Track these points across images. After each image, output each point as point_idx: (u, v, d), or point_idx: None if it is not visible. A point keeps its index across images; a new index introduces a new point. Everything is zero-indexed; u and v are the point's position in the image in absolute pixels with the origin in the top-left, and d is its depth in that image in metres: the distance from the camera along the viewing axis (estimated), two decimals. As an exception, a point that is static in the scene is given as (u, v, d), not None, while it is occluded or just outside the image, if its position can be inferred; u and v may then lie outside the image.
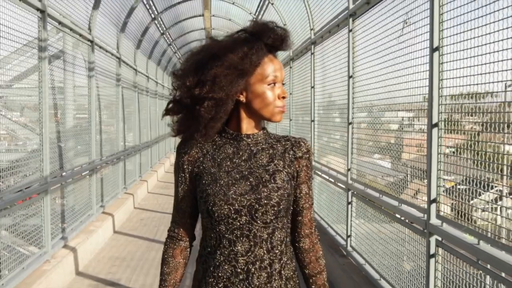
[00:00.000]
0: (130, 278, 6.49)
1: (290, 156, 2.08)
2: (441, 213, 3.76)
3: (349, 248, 6.14)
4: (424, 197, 4.00)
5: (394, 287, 4.71)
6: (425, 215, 3.90)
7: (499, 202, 3.38)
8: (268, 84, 1.99)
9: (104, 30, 9.54)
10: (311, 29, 8.45)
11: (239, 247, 1.97)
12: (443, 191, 3.77)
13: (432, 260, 3.85)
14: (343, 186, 6.41)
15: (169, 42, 17.32)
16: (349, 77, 6.12)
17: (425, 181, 3.95)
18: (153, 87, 17.19)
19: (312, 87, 8.41)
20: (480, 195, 3.26)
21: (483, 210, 3.36)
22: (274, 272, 2.00)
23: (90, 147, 8.37)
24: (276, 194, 1.98)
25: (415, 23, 4.21)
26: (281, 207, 1.98)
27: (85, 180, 8.16)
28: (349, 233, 6.15)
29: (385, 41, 4.93)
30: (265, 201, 1.96)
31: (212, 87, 1.95)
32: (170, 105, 2.08)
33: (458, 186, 3.65)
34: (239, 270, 1.97)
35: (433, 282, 3.84)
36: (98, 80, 9.01)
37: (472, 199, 3.37)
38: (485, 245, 3.16)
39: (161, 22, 14.14)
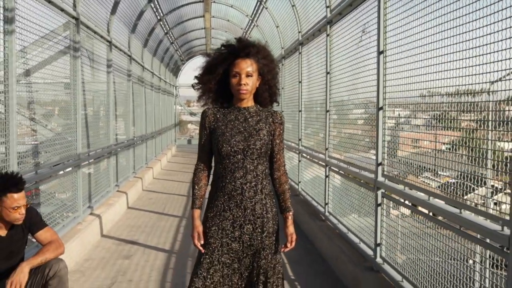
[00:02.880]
0: (146, 239, 7.86)
1: (270, 121, 3.48)
2: (385, 173, 5.14)
3: (326, 214, 7.52)
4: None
5: (357, 236, 6.06)
6: (373, 175, 5.30)
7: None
8: (233, 77, 3.39)
9: (118, 32, 10.88)
10: (299, 32, 9.83)
11: (236, 174, 3.37)
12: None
13: (379, 208, 5.23)
14: (322, 163, 7.80)
15: (171, 41, 18.63)
16: (327, 73, 7.49)
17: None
18: (157, 82, 18.54)
19: (300, 82, 9.79)
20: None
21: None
22: (257, 189, 3.40)
23: (109, 133, 9.74)
24: (259, 142, 3.38)
25: (370, 32, 5.58)
26: (262, 150, 3.39)
27: (104, 161, 9.51)
28: (326, 201, 7.53)
29: (351, 45, 6.31)
30: (252, 146, 3.37)
31: (204, 78, 3.46)
32: (196, 87, 3.51)
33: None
34: (237, 187, 3.37)
35: (380, 224, 5.22)
36: (114, 75, 10.37)
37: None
38: (409, 190, 4.55)
39: (165, 23, 15.46)
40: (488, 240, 3.29)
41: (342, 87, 6.84)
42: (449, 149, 3.99)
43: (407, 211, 4.78)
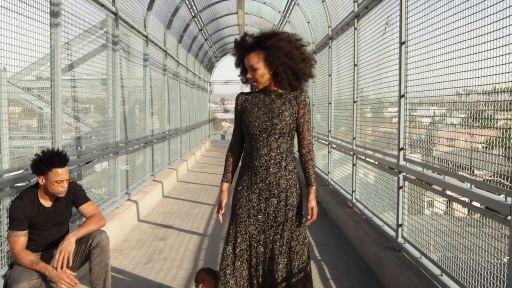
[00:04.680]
0: (180, 223, 8.25)
1: (294, 102, 3.78)
2: (406, 157, 5.41)
3: (353, 200, 7.80)
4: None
5: (381, 219, 6.34)
6: (396, 159, 5.58)
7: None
8: (248, 70, 3.76)
9: (154, 27, 11.31)
10: (329, 27, 10.11)
11: (261, 151, 3.72)
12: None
13: (401, 191, 5.51)
14: (350, 152, 8.09)
15: (205, 37, 19.05)
16: (355, 65, 7.77)
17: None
18: (191, 78, 18.98)
19: (330, 75, 10.08)
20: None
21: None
22: (281, 166, 3.73)
23: (145, 124, 10.17)
24: (281, 123, 3.71)
25: (393, 24, 5.85)
26: (284, 130, 3.72)
27: (141, 151, 9.94)
28: (353, 189, 7.82)
29: (376, 37, 6.59)
30: (275, 126, 3.70)
31: (240, 73, 3.93)
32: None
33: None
34: (262, 163, 3.72)
35: (401, 206, 5.49)
36: (151, 69, 10.79)
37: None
38: (428, 171, 4.82)
39: (200, 20, 15.88)
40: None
41: (368, 78, 7.10)
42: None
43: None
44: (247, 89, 4.11)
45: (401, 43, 5.43)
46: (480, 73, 3.72)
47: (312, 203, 3.77)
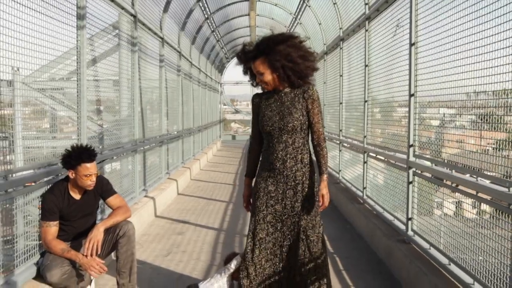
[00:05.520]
0: (196, 219, 8.52)
1: (301, 98, 4.01)
2: (416, 153, 5.65)
3: (364, 197, 8.05)
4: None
5: (392, 214, 6.58)
6: (406, 156, 5.82)
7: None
8: (256, 76, 4.02)
9: (169, 29, 11.60)
10: (340, 28, 10.36)
11: (277, 147, 4.00)
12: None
13: (411, 186, 5.75)
14: (361, 151, 8.33)
15: (217, 39, 19.33)
16: (365, 65, 8.01)
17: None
18: (203, 78, 19.27)
19: (341, 75, 10.33)
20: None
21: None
22: (297, 159, 3.99)
23: (161, 123, 10.46)
24: (292, 121, 3.96)
25: (403, 26, 6.09)
26: (296, 127, 3.96)
27: (156, 149, 10.22)
28: (364, 186, 8.06)
29: (387, 38, 6.83)
30: (287, 124, 3.96)
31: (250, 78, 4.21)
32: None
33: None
34: (279, 158, 4.00)
35: (411, 200, 5.73)
36: (166, 70, 11.08)
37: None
38: (437, 167, 5.06)
39: (212, 21, 16.17)
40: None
41: (379, 78, 7.34)
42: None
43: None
44: (259, 89, 4.36)
45: (411, 44, 5.67)
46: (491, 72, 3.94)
47: (323, 190, 3.97)
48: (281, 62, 3.84)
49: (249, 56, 3.99)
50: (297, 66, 3.88)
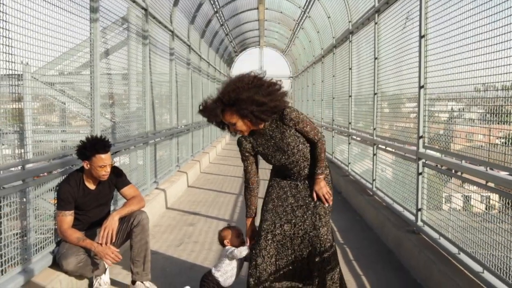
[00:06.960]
0: (207, 210, 8.61)
1: (284, 126, 3.97)
2: (425, 144, 5.70)
3: (374, 189, 8.11)
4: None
5: (401, 205, 6.64)
6: (416, 147, 5.87)
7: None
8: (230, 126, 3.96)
9: (179, 23, 11.67)
10: (349, 21, 10.40)
11: (285, 172, 4.10)
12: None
13: (420, 177, 5.80)
14: (370, 143, 8.39)
15: (226, 32, 19.38)
16: (375, 58, 8.05)
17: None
18: (212, 72, 19.34)
19: (350, 68, 10.37)
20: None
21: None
22: (310, 182, 4.07)
23: (171, 117, 10.55)
24: (294, 155, 3.99)
25: (413, 18, 6.13)
26: (299, 150, 3.99)
27: (167, 143, 10.31)
28: (374, 178, 8.12)
29: (397, 31, 6.87)
30: (291, 156, 4.00)
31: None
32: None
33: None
34: (289, 182, 4.12)
35: (421, 191, 5.79)
36: (176, 63, 11.15)
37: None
38: (446, 157, 5.11)
39: (221, 15, 16.22)
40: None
41: (389, 70, 7.38)
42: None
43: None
44: None
45: (421, 37, 5.71)
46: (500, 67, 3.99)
47: (316, 187, 4.07)
48: (249, 108, 3.75)
49: (216, 113, 3.87)
50: (266, 105, 3.79)
